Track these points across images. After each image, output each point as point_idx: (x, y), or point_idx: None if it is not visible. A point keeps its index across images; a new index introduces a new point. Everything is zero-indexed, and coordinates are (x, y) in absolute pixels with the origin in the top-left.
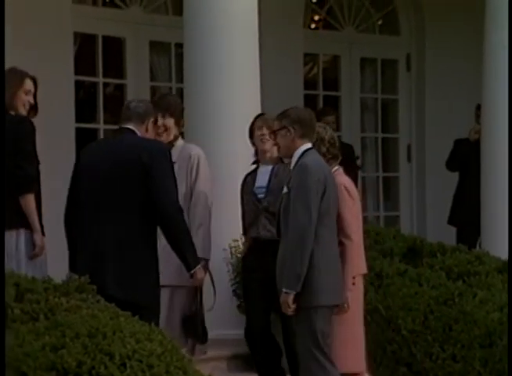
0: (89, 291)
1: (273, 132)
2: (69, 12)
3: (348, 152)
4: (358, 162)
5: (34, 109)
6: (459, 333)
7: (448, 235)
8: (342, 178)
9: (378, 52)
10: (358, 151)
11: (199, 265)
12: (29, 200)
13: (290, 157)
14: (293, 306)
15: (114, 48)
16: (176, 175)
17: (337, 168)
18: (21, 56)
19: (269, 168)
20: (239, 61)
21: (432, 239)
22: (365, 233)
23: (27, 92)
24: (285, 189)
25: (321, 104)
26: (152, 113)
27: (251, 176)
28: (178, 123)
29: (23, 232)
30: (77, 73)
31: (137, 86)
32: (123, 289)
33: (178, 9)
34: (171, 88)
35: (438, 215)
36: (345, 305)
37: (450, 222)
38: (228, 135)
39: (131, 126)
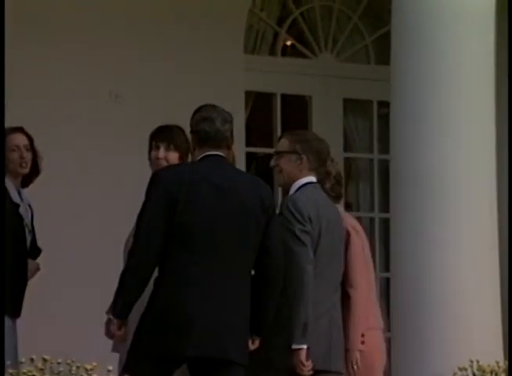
0: None
1: (278, 153)
2: (240, 64)
3: None
4: None
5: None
6: None
7: None
8: (350, 220)
9: None
10: None
11: None
12: None
13: (287, 186)
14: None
15: (297, 108)
16: None
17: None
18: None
19: None
20: (470, 128)
21: None
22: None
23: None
24: None
25: None
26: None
27: None
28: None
29: None
30: (248, 143)
31: None
32: (243, 352)
33: (383, 55)
34: (372, 160)
35: None
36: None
37: None
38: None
39: (221, 153)
